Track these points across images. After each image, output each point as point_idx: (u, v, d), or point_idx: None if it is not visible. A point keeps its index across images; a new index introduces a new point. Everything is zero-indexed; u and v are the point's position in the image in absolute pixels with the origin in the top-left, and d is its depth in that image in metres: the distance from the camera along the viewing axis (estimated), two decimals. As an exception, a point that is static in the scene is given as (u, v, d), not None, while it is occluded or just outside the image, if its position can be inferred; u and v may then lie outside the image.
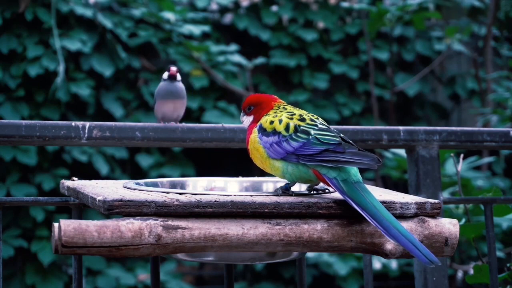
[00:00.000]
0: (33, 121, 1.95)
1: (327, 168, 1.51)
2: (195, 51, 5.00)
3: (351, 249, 1.50)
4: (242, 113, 1.69)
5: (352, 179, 1.50)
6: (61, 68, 4.57)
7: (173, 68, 2.17)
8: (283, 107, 1.63)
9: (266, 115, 1.61)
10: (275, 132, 1.57)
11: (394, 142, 2.19)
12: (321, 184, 1.59)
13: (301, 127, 1.56)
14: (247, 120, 1.67)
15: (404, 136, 2.18)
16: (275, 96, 1.68)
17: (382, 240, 1.49)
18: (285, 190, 1.55)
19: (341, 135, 1.56)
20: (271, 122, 1.59)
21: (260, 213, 1.45)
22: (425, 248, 1.43)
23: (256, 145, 1.59)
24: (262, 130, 1.59)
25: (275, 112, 1.61)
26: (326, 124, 1.60)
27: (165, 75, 2.18)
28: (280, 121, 1.58)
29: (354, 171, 1.52)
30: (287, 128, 1.56)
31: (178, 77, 2.18)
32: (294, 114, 1.59)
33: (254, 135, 1.60)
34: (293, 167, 1.54)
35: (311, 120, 1.58)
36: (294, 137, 1.55)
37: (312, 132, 1.55)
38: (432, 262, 1.41)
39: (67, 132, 1.97)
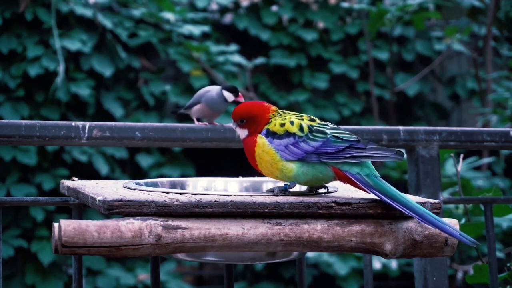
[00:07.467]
0: (33, 121, 1.94)
1: (350, 164, 1.51)
2: (195, 51, 5.00)
3: (351, 249, 1.50)
4: (233, 122, 1.62)
5: (373, 173, 1.51)
6: (61, 68, 4.57)
7: (241, 99, 2.13)
8: (283, 112, 1.59)
9: (268, 123, 1.57)
10: (288, 134, 1.54)
11: (394, 142, 2.19)
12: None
13: (315, 127, 1.54)
14: (241, 132, 1.61)
15: (404, 136, 2.18)
16: (266, 103, 1.62)
17: (382, 240, 1.49)
18: (284, 191, 1.54)
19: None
20: (282, 125, 1.55)
21: (260, 213, 1.44)
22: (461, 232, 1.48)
23: (265, 148, 1.55)
24: (272, 134, 1.55)
25: (279, 116, 1.57)
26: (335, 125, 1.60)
27: (230, 97, 2.12)
28: (292, 122, 1.55)
29: (372, 166, 1.53)
30: (301, 129, 1.54)
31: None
32: (302, 115, 1.58)
33: (262, 140, 1.55)
34: (308, 167, 1.52)
35: (320, 120, 1.58)
36: (311, 137, 1.52)
37: (327, 131, 1.54)
38: (473, 242, 1.46)
39: (67, 132, 1.96)
